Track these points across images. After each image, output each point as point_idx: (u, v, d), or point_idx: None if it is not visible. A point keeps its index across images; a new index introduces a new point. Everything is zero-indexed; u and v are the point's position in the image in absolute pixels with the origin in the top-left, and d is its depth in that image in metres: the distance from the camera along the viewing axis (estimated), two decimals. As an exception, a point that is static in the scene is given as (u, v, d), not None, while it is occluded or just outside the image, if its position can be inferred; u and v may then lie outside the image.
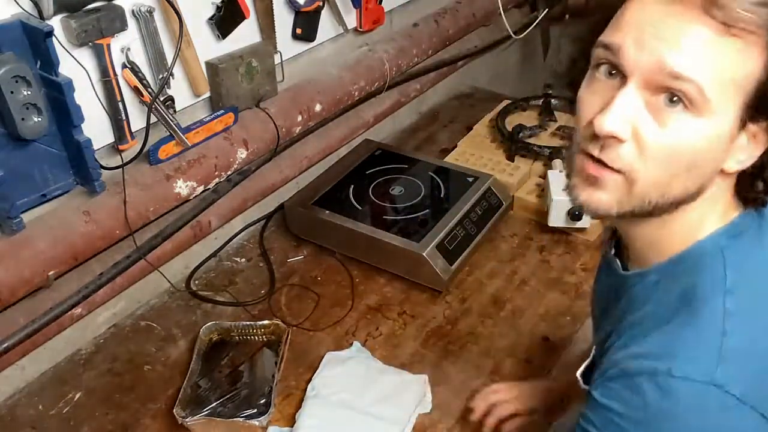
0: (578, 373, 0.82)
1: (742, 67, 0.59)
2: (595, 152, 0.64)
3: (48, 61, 0.97)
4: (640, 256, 0.74)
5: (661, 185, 0.64)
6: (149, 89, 1.15)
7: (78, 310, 1.18)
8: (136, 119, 1.17)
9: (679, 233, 0.69)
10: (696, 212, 0.68)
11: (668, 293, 0.68)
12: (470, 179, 1.55)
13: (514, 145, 1.69)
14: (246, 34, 1.33)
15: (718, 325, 0.63)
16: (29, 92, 0.95)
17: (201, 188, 1.28)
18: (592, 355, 0.84)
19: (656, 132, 0.61)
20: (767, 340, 0.64)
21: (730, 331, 0.63)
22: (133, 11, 1.11)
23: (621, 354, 0.68)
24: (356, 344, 1.26)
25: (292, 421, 1.12)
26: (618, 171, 0.64)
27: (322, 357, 1.23)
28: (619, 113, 0.61)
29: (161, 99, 1.17)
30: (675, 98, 0.60)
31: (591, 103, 0.65)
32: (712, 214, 0.69)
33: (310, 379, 1.19)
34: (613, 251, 0.80)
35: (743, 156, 0.64)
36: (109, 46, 1.07)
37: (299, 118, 1.43)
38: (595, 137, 0.63)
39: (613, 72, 0.63)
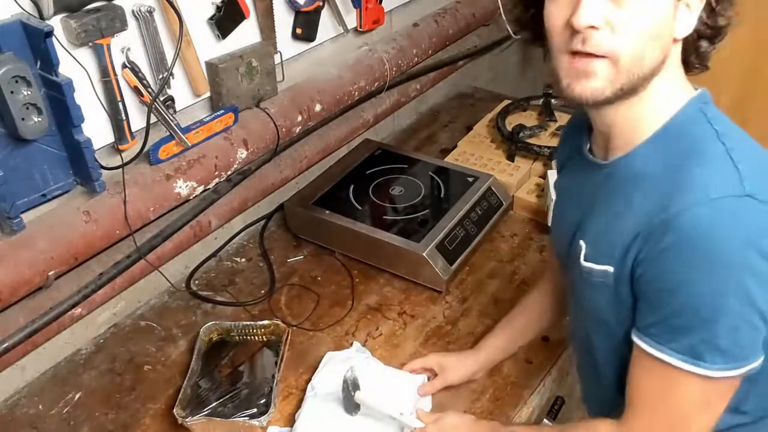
0: (583, 261, 0.88)
1: None
2: (579, 46, 0.75)
3: (48, 61, 0.97)
4: (621, 143, 0.84)
5: (637, 57, 0.75)
6: (149, 89, 1.15)
7: (78, 310, 1.18)
8: (136, 119, 1.17)
9: (656, 109, 0.81)
10: (664, 86, 0.80)
11: (666, 158, 0.79)
12: (470, 179, 1.55)
13: (514, 145, 1.69)
14: (246, 34, 1.33)
15: (725, 157, 0.76)
16: (29, 92, 0.95)
17: (201, 188, 1.28)
18: (584, 247, 0.89)
19: (620, 13, 0.73)
20: None
21: (737, 159, 0.75)
22: (133, 11, 1.11)
23: (639, 220, 0.78)
24: (356, 344, 1.26)
25: (292, 421, 1.12)
26: (603, 56, 0.75)
27: (322, 357, 1.23)
28: (589, 7, 0.73)
29: (161, 99, 1.17)
30: None
31: (560, 10, 0.77)
32: (678, 87, 0.82)
33: (310, 379, 1.19)
34: (587, 150, 0.92)
35: (684, 23, 0.77)
36: (109, 46, 1.07)
37: (299, 118, 1.43)
38: (573, 35, 0.75)
39: None
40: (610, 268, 0.84)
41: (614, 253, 0.83)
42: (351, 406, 1.10)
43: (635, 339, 0.82)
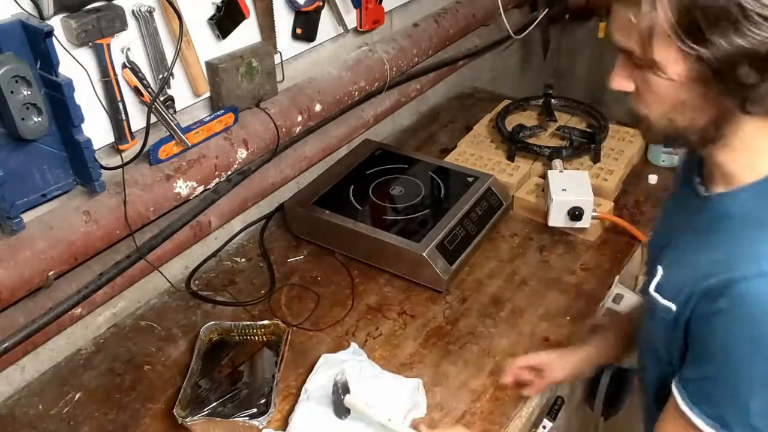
0: (652, 290, 0.86)
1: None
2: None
3: (48, 61, 0.97)
4: (721, 180, 0.81)
5: (664, 119, 0.78)
6: (149, 89, 1.15)
7: (78, 310, 1.18)
8: (136, 119, 1.17)
9: (751, 160, 0.78)
10: (757, 139, 0.77)
11: (761, 208, 0.76)
12: (470, 179, 1.55)
13: (514, 145, 1.69)
14: (246, 34, 1.33)
15: None
16: (29, 92, 0.95)
17: (201, 188, 1.28)
18: (660, 274, 0.86)
19: (640, 84, 0.78)
20: None
21: None
22: (133, 11, 1.11)
23: (712, 267, 0.75)
24: (353, 345, 1.25)
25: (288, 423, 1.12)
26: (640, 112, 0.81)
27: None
28: (615, 76, 0.81)
29: (161, 99, 1.17)
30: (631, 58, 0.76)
31: None
32: None
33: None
34: (697, 178, 0.88)
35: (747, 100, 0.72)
36: (109, 46, 1.07)
37: (299, 118, 1.43)
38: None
39: None
40: (673, 307, 0.81)
41: (681, 293, 0.80)
42: (341, 409, 1.10)
43: (673, 387, 0.80)
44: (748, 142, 0.77)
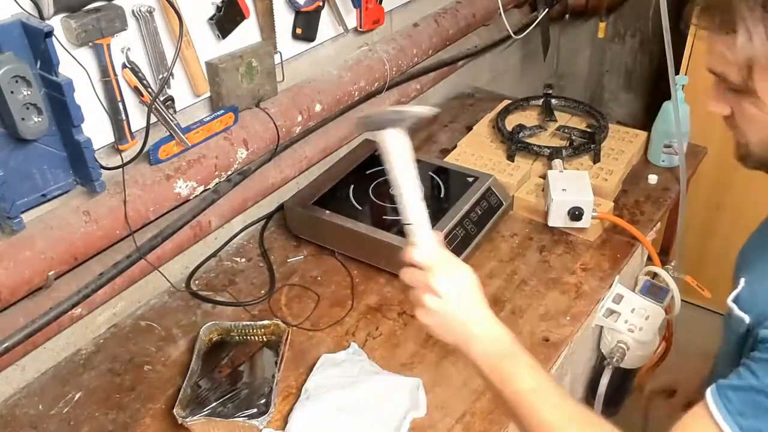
0: (730, 300, 0.85)
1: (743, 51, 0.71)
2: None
3: (48, 61, 0.97)
4: None
5: (763, 145, 0.78)
6: (149, 89, 1.15)
7: (78, 310, 1.18)
8: (136, 119, 1.17)
9: None
10: None
11: None
12: (470, 179, 1.55)
13: (514, 145, 1.69)
14: (246, 34, 1.33)
15: None
16: (29, 92, 0.95)
17: (201, 188, 1.28)
18: (741, 285, 0.85)
19: (736, 110, 0.78)
20: None
21: None
22: (133, 11, 1.11)
23: None
24: (353, 345, 1.25)
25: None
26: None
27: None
28: (712, 99, 0.80)
29: (161, 99, 1.17)
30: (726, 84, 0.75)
31: None
32: None
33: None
34: None
35: None
36: (109, 46, 1.07)
37: (299, 118, 1.43)
38: None
39: None
40: (747, 318, 0.80)
41: (757, 307, 0.79)
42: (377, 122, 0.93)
43: (708, 393, 0.75)
44: None
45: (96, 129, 1.10)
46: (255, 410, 1.10)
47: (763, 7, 0.66)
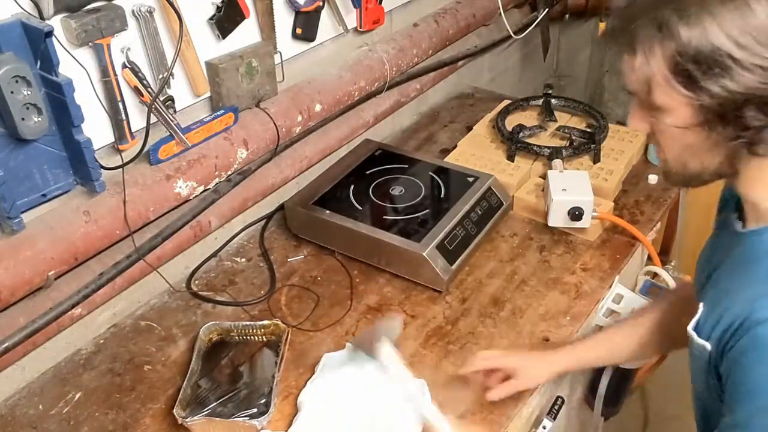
0: (690, 328, 0.84)
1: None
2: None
3: (48, 61, 0.97)
4: (753, 216, 0.80)
5: (677, 162, 0.79)
6: (149, 89, 1.15)
7: (78, 310, 1.18)
8: (136, 119, 1.17)
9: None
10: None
11: None
12: (470, 179, 1.55)
13: (514, 145, 1.69)
14: (246, 34, 1.33)
15: None
16: (29, 92, 0.95)
17: (201, 188, 1.28)
18: (700, 311, 0.85)
19: (653, 126, 0.79)
20: None
21: None
22: (133, 11, 1.11)
23: (742, 307, 0.73)
24: (349, 346, 1.24)
25: (290, 422, 1.12)
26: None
27: (322, 357, 1.23)
28: (630, 117, 0.81)
29: (161, 99, 1.18)
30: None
31: None
32: None
33: (309, 379, 1.19)
34: (735, 214, 0.87)
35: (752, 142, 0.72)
36: (109, 46, 1.07)
37: (299, 118, 1.43)
38: None
39: None
40: (708, 346, 0.79)
41: (717, 332, 0.78)
42: (366, 347, 1.06)
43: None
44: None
45: (96, 129, 1.10)
46: (255, 410, 1.10)
47: (659, 29, 0.68)
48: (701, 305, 0.85)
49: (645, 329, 1.12)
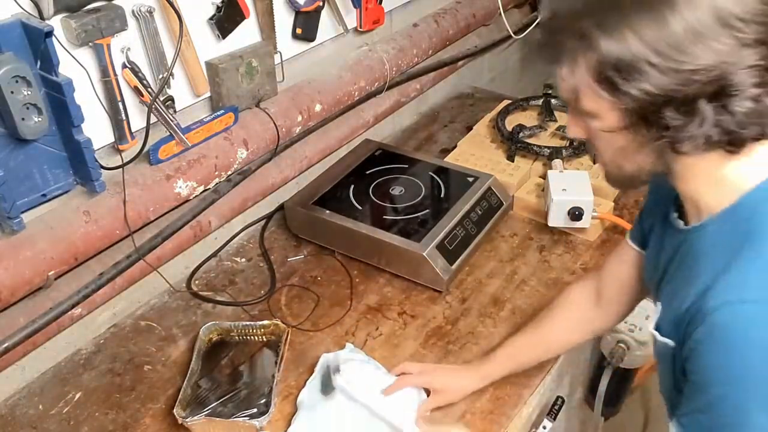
0: (652, 328, 0.87)
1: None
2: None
3: (48, 61, 0.97)
4: (694, 212, 0.83)
5: (613, 164, 0.83)
6: (149, 89, 1.15)
7: (78, 310, 1.18)
8: (136, 119, 1.17)
9: (721, 190, 0.78)
10: (728, 172, 0.77)
11: (729, 239, 0.76)
12: (470, 179, 1.55)
13: (514, 145, 1.69)
14: (246, 34, 1.33)
15: None
16: (29, 92, 0.95)
17: (201, 188, 1.28)
18: (658, 310, 0.88)
19: (589, 132, 0.82)
20: None
21: None
22: (133, 11, 1.11)
23: (693, 300, 0.76)
24: (349, 345, 1.24)
25: (290, 422, 1.12)
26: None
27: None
28: (568, 124, 0.86)
29: (161, 99, 1.17)
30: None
31: None
32: (750, 171, 0.77)
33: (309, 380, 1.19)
34: (675, 213, 0.89)
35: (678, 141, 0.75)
36: (109, 46, 1.07)
37: (299, 118, 1.43)
38: None
39: None
40: (671, 343, 0.81)
41: (674, 328, 0.80)
42: (328, 386, 1.11)
43: (671, 425, 0.81)
44: (704, 175, 0.79)
45: (96, 129, 1.10)
46: (255, 410, 1.10)
47: (581, 40, 0.71)
48: (659, 304, 0.87)
49: (582, 301, 1.16)
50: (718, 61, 0.68)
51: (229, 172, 1.33)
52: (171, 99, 1.21)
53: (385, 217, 1.49)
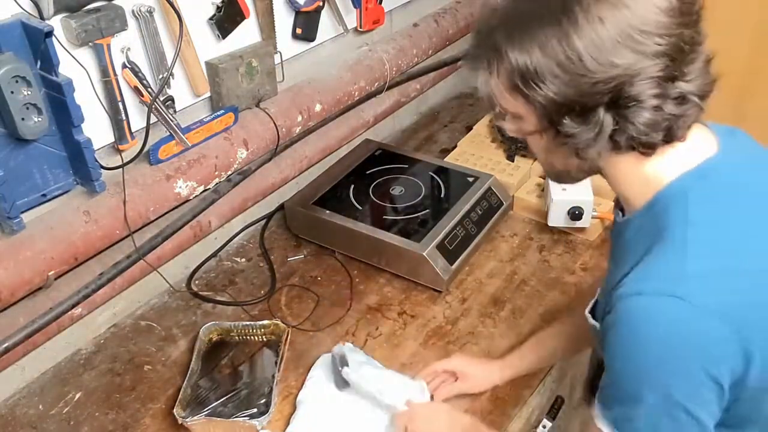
0: (587, 311, 0.96)
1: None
2: None
3: (48, 61, 0.97)
4: (626, 206, 0.89)
5: (544, 161, 0.89)
6: (149, 89, 1.15)
7: (78, 310, 1.18)
8: (136, 119, 1.17)
9: (642, 187, 0.83)
10: (647, 171, 0.82)
11: (647, 233, 0.81)
12: (470, 179, 1.55)
13: (514, 145, 1.69)
14: (246, 34, 1.33)
15: (679, 250, 0.76)
16: (29, 92, 0.95)
17: (201, 188, 1.28)
18: (597, 294, 0.97)
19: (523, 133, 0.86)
20: (731, 263, 0.76)
21: (693, 255, 0.76)
22: (133, 11, 1.11)
23: (613, 287, 0.81)
24: (349, 345, 1.24)
25: (290, 422, 1.12)
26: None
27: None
28: (506, 122, 0.88)
29: (161, 99, 1.17)
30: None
31: None
32: (665, 169, 0.81)
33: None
34: (617, 207, 0.95)
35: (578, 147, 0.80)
36: (109, 46, 1.07)
37: (299, 118, 1.43)
38: None
39: None
40: (598, 326, 0.89)
41: (601, 313, 0.87)
42: (340, 381, 1.13)
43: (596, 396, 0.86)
44: (625, 175, 0.85)
45: (96, 129, 1.10)
46: (255, 410, 1.10)
47: (494, 51, 0.78)
48: (598, 290, 0.96)
49: (573, 327, 1.18)
50: (616, 73, 0.73)
51: (229, 172, 1.33)
52: (171, 99, 1.21)
53: (385, 217, 1.49)
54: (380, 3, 1.63)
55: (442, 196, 1.55)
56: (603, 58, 0.72)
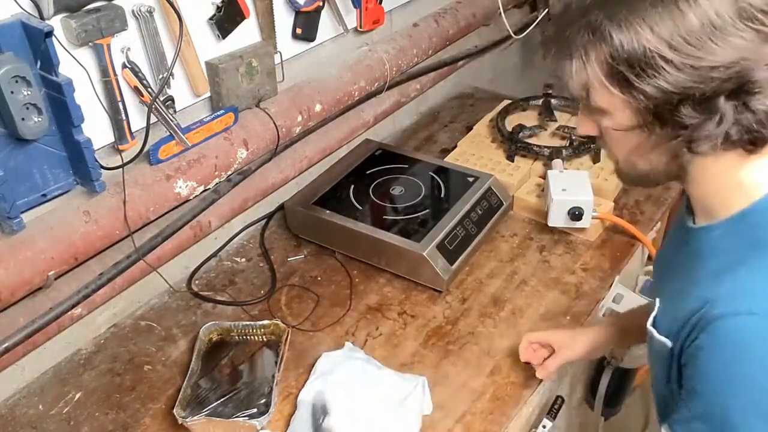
0: (649, 324, 0.85)
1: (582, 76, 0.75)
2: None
3: (48, 61, 0.97)
4: (703, 213, 0.81)
5: (626, 163, 0.82)
6: (149, 89, 1.15)
7: (78, 310, 1.18)
8: (136, 119, 1.17)
9: (733, 194, 0.76)
10: (743, 176, 0.75)
11: (737, 245, 0.74)
12: (470, 179, 1.55)
13: (514, 145, 1.69)
14: (246, 34, 1.33)
15: None
16: (29, 92, 0.95)
17: (201, 188, 1.28)
18: (657, 307, 0.87)
19: (601, 129, 0.80)
20: None
21: None
22: (133, 11, 1.11)
23: (696, 303, 0.73)
24: (348, 344, 1.24)
25: (290, 422, 1.12)
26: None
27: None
28: (578, 121, 0.83)
29: (161, 99, 1.17)
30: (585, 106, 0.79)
31: None
32: (764, 179, 0.75)
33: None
34: (687, 209, 0.87)
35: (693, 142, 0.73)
36: (109, 46, 1.07)
37: (299, 118, 1.43)
38: None
39: None
40: (669, 343, 0.80)
41: (674, 328, 0.78)
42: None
43: (662, 425, 0.80)
44: (716, 178, 0.77)
45: (96, 129, 1.10)
46: (255, 410, 1.10)
47: (592, 34, 0.69)
48: (658, 301, 0.86)
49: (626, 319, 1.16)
50: (739, 56, 0.65)
51: (229, 172, 1.33)
52: (171, 99, 1.21)
53: (385, 217, 1.49)
54: (380, 3, 1.63)
55: (442, 196, 1.55)
56: (723, 37, 0.65)
